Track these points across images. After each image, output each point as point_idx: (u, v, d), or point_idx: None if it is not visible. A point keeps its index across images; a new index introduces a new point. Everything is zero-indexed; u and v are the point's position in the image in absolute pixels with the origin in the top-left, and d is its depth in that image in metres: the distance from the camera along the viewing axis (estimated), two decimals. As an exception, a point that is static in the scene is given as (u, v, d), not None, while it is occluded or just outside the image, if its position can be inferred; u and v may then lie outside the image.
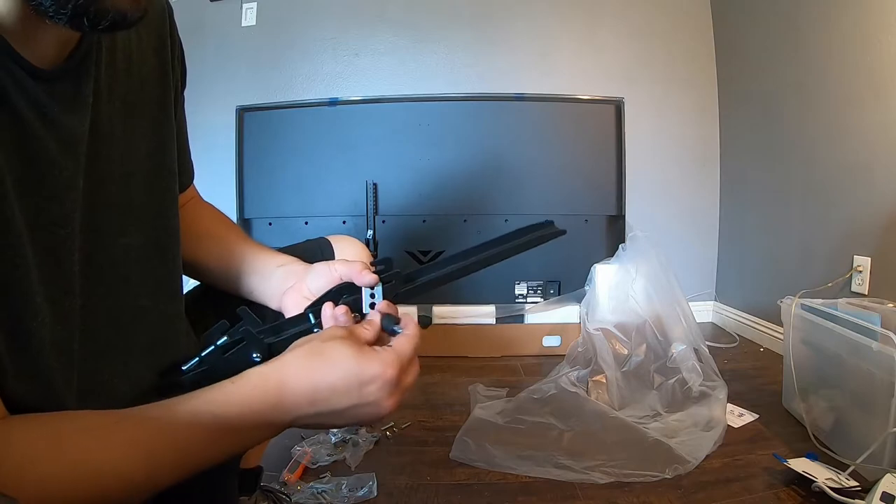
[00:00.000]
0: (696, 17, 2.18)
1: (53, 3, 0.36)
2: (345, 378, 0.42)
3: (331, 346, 0.43)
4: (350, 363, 0.42)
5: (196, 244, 0.67)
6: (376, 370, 0.43)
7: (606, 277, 1.71)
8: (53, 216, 0.41)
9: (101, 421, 0.40)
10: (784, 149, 1.81)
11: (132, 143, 0.52)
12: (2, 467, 0.36)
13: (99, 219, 0.47)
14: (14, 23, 0.37)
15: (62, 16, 0.37)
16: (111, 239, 0.49)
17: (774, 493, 0.97)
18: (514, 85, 2.08)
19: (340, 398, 0.43)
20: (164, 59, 0.57)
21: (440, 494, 0.99)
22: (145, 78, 0.54)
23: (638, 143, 2.05)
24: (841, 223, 1.56)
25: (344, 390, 0.42)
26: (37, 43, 0.40)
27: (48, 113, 0.41)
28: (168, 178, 0.57)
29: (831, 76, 1.58)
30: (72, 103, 0.44)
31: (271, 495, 0.90)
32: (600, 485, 1.01)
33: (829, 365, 1.14)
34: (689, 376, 1.37)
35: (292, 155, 1.90)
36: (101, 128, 0.47)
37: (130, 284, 0.51)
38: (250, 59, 2.18)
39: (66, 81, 0.43)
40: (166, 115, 0.57)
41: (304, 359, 0.43)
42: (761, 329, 1.90)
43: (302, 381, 0.42)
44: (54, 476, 0.37)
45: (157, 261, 0.55)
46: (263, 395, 0.42)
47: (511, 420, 1.23)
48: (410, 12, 2.16)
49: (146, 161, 0.54)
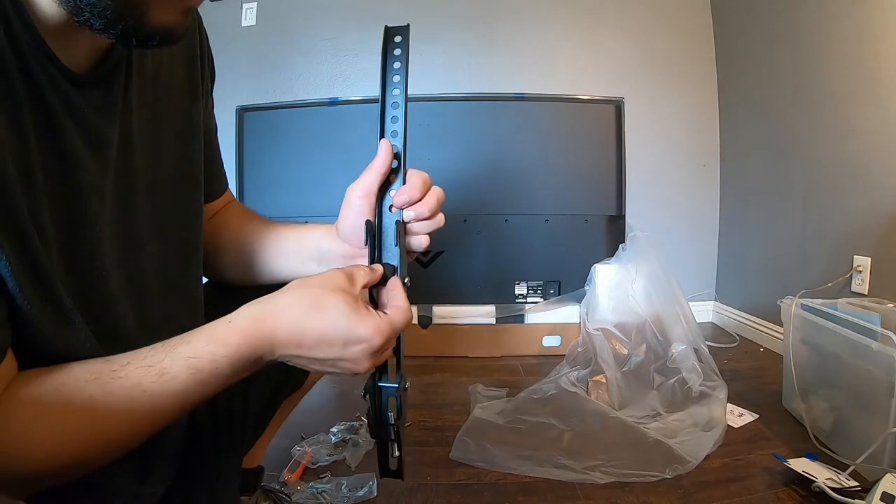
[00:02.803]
0: (696, 17, 2.18)
1: (103, 23, 0.36)
2: (333, 334, 0.44)
3: (330, 300, 0.44)
4: (343, 322, 0.43)
5: (229, 247, 0.66)
6: (365, 334, 0.44)
7: (606, 277, 1.71)
8: (78, 216, 0.42)
9: (104, 368, 0.40)
10: (784, 149, 1.81)
11: (159, 153, 0.52)
12: (11, 426, 0.37)
13: (126, 227, 0.47)
14: (55, 27, 0.38)
15: (111, 34, 0.37)
16: (137, 248, 0.49)
17: (774, 493, 0.97)
18: (514, 85, 2.07)
19: (324, 349, 0.44)
20: (194, 71, 0.57)
21: (440, 494, 0.99)
22: (174, 89, 0.54)
23: (638, 143, 2.05)
24: (841, 223, 1.56)
25: (329, 344, 0.44)
26: (73, 48, 0.40)
27: (79, 115, 0.41)
28: (193, 190, 0.57)
29: (831, 76, 1.58)
30: (102, 108, 0.44)
31: (272, 495, 0.90)
32: (600, 485, 1.01)
33: (829, 365, 1.14)
34: (689, 376, 1.37)
35: (292, 155, 1.90)
36: (130, 136, 0.48)
37: (152, 294, 0.51)
38: (250, 59, 2.17)
39: (97, 87, 0.43)
40: (194, 126, 0.57)
41: (301, 307, 0.44)
42: (761, 329, 1.90)
43: (293, 328, 0.43)
44: (62, 430, 0.38)
45: (177, 271, 0.55)
46: (258, 340, 0.43)
47: (511, 420, 1.23)
48: (410, 12, 2.15)
49: (172, 171, 0.54)
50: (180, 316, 0.55)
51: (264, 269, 0.65)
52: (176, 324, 0.54)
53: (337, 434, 1.19)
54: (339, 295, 0.44)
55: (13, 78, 0.36)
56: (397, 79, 0.50)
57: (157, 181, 0.51)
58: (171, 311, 0.54)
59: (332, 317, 0.43)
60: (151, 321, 0.50)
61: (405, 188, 0.51)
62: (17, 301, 0.36)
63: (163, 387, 0.40)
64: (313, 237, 0.62)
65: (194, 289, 0.58)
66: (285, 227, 0.66)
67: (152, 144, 0.51)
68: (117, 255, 0.46)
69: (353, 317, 0.44)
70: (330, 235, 0.59)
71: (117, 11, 0.36)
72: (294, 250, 0.64)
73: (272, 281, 0.64)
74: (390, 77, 0.50)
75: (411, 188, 0.51)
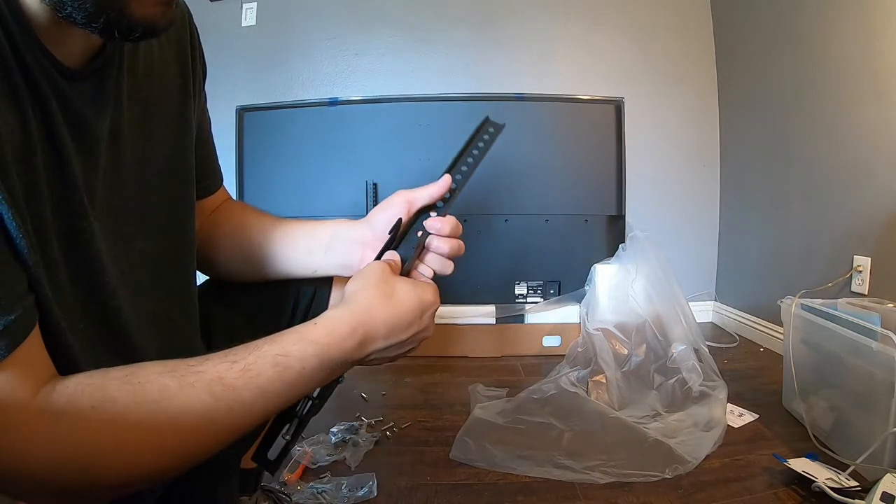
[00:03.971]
0: (696, 17, 2.18)
1: (85, 17, 0.36)
2: (415, 310, 0.50)
3: (394, 286, 0.50)
4: (414, 297, 0.50)
5: (230, 242, 0.66)
6: (431, 297, 0.52)
7: (606, 277, 1.71)
8: (74, 206, 0.42)
9: (179, 364, 0.39)
10: (784, 149, 1.81)
11: (150, 149, 0.52)
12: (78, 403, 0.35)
13: (116, 223, 0.47)
14: (47, 24, 0.38)
15: (93, 28, 0.37)
16: (127, 244, 0.49)
17: (774, 493, 0.97)
18: (514, 85, 2.07)
19: (412, 328, 0.50)
20: (185, 67, 0.57)
21: (440, 494, 0.99)
22: (165, 84, 0.54)
23: (638, 143, 2.05)
24: (841, 223, 1.56)
25: (411, 321, 0.50)
26: (65, 43, 0.40)
27: (70, 108, 0.41)
28: (185, 186, 0.57)
29: (831, 76, 1.57)
30: (92, 102, 0.44)
31: (272, 495, 0.90)
32: (600, 485, 1.00)
33: (829, 365, 1.14)
34: (689, 376, 1.37)
35: (292, 155, 1.90)
36: (120, 131, 0.48)
37: (143, 290, 0.51)
38: (250, 59, 2.18)
39: (89, 81, 0.44)
40: (186, 122, 0.57)
41: (384, 302, 0.48)
42: (761, 329, 1.90)
43: (388, 320, 0.48)
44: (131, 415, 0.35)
45: (170, 267, 0.55)
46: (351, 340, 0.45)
47: (511, 420, 1.23)
48: (410, 12, 2.16)
49: (163, 167, 0.54)
50: (173, 313, 0.55)
51: (274, 261, 0.65)
52: (168, 320, 0.54)
53: (337, 434, 1.18)
54: (396, 279, 0.51)
55: (11, 65, 0.36)
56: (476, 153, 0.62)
57: (147, 177, 0.51)
58: (164, 308, 0.53)
59: (407, 297, 0.49)
60: (145, 317, 0.50)
61: (444, 219, 0.58)
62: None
63: (247, 382, 0.39)
64: (327, 225, 0.64)
65: (187, 285, 0.58)
66: (294, 220, 0.68)
67: (143, 140, 0.51)
68: (109, 250, 0.46)
69: (418, 289, 0.51)
70: (346, 224, 0.63)
71: (98, 4, 0.36)
72: (303, 240, 0.65)
73: (281, 272, 0.65)
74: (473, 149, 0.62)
75: (447, 222, 0.58)
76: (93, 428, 0.35)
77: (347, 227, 0.62)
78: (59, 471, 0.34)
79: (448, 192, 0.58)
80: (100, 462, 0.35)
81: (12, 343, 0.33)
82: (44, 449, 0.34)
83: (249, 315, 0.66)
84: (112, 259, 0.46)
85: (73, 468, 0.35)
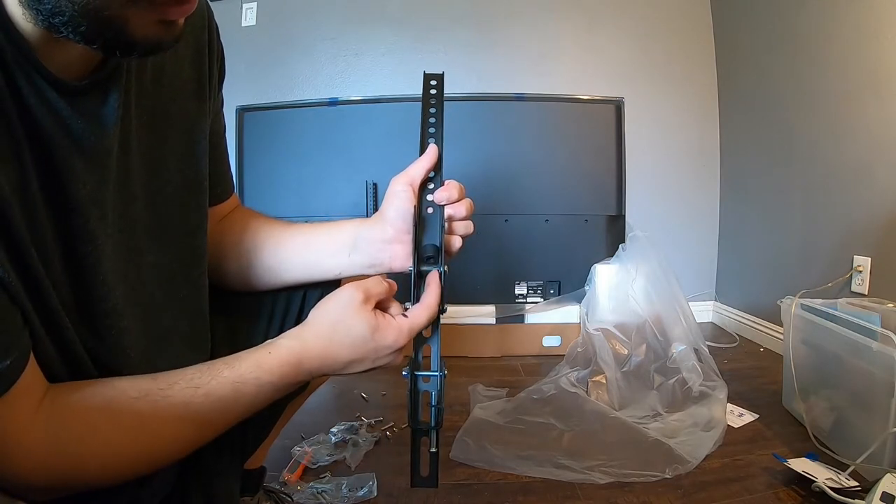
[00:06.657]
0: (696, 17, 2.18)
1: (80, 37, 0.35)
2: (363, 352, 0.50)
3: (352, 323, 0.49)
4: (369, 340, 0.49)
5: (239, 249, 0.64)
6: (390, 342, 0.50)
7: (606, 277, 1.71)
8: (77, 230, 0.41)
9: (152, 387, 0.43)
10: (784, 149, 1.81)
11: (160, 159, 0.50)
12: (64, 435, 0.39)
13: (129, 235, 0.46)
14: (40, 40, 0.37)
15: (92, 47, 0.36)
16: (140, 257, 0.48)
17: (774, 493, 0.97)
18: (514, 85, 2.07)
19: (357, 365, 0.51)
20: (201, 70, 0.55)
21: (440, 494, 0.98)
22: (177, 90, 0.52)
23: (638, 143, 2.05)
24: (841, 223, 1.56)
25: (360, 360, 0.51)
26: (62, 56, 0.39)
27: (71, 126, 0.40)
28: (197, 196, 0.55)
29: (831, 76, 1.58)
30: (97, 117, 0.42)
31: (273, 496, 0.90)
32: (600, 485, 1.01)
33: (829, 365, 1.14)
34: (689, 376, 1.37)
35: (292, 155, 1.89)
36: (128, 143, 0.46)
37: (154, 305, 0.50)
38: (250, 59, 2.17)
39: (92, 95, 0.42)
40: (200, 128, 0.55)
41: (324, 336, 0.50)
42: (761, 329, 1.90)
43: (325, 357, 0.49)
44: (114, 442, 0.41)
45: (181, 280, 0.53)
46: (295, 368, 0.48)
47: (511, 420, 1.23)
48: (410, 12, 2.16)
49: (174, 177, 0.52)
50: (184, 326, 0.54)
51: (290, 265, 0.63)
52: (180, 335, 0.53)
53: (337, 434, 1.19)
54: (359, 316, 0.49)
55: (2, 91, 0.35)
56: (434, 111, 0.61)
57: (158, 188, 0.50)
58: (175, 323, 0.52)
59: (359, 339, 0.49)
60: (155, 332, 0.50)
61: (446, 187, 0.57)
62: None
63: (210, 407, 0.44)
64: (348, 226, 0.62)
65: (198, 299, 0.56)
66: (305, 224, 0.66)
67: (153, 150, 0.49)
68: (119, 268, 0.45)
69: (377, 334, 0.49)
70: (367, 223, 0.61)
71: (92, 28, 0.34)
72: (324, 241, 0.62)
73: (300, 277, 0.63)
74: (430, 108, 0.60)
75: (451, 188, 0.57)
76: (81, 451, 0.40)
77: (370, 227, 0.60)
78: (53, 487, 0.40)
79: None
80: (86, 477, 0.41)
81: (8, 384, 0.36)
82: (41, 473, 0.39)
83: (253, 318, 0.65)
84: (122, 276, 0.45)
85: (64, 485, 0.41)
